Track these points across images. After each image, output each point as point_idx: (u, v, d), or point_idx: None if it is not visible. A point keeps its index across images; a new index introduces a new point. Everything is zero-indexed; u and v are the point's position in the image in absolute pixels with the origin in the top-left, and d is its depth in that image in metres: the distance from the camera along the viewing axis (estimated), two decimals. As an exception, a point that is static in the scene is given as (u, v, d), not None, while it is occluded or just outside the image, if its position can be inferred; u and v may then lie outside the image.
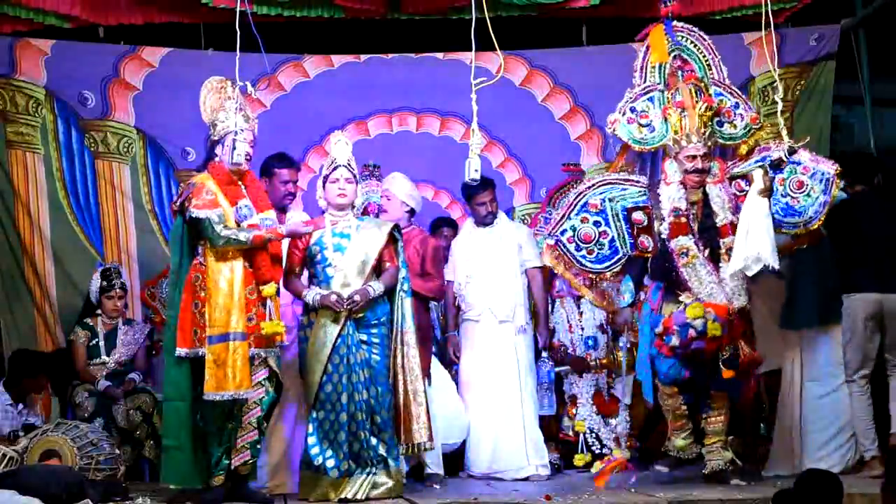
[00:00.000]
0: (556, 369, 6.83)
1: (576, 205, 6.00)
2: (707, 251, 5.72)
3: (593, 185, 6.05)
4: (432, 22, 7.83)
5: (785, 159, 5.75)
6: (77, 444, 5.58)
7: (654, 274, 5.94)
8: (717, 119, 5.87)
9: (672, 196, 5.80)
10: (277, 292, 5.43)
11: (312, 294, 5.56)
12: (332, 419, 5.47)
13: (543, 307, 6.83)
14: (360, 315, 5.56)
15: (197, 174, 5.69)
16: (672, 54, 5.97)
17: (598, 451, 6.73)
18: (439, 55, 7.97)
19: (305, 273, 5.77)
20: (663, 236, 5.80)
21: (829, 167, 5.77)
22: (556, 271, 6.19)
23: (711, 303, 5.62)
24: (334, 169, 5.73)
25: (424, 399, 5.67)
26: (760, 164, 5.73)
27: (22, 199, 7.45)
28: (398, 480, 5.54)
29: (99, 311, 6.99)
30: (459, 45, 6.93)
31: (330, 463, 5.47)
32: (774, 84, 5.98)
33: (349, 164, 5.75)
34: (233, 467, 5.30)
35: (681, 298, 5.71)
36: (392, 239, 5.75)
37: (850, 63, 7.78)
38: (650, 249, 5.89)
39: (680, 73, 5.92)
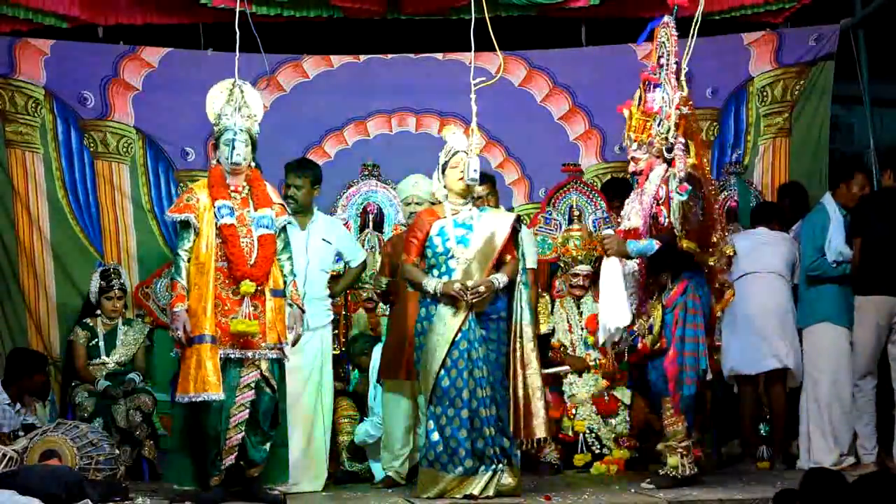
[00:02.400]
0: (556, 370, 6.83)
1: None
2: None
3: None
4: (432, 22, 7.83)
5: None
6: (77, 444, 5.57)
7: None
8: (657, 119, 5.68)
9: (630, 200, 5.82)
10: (277, 293, 5.43)
11: (434, 283, 5.41)
12: (451, 415, 5.34)
13: (533, 306, 6.80)
14: (481, 309, 5.47)
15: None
16: (659, 52, 5.92)
17: (598, 451, 6.73)
18: (439, 55, 7.97)
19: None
20: None
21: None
22: None
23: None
24: (453, 155, 5.59)
25: (543, 394, 5.52)
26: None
27: (22, 199, 7.44)
28: (519, 479, 5.46)
29: (98, 312, 7.00)
30: (459, 45, 6.94)
31: (453, 460, 5.33)
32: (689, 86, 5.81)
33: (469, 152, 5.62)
34: (223, 467, 5.29)
35: None
36: (513, 230, 5.60)
37: (850, 63, 7.78)
38: None
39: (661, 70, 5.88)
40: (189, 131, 7.64)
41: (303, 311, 5.54)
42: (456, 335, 5.37)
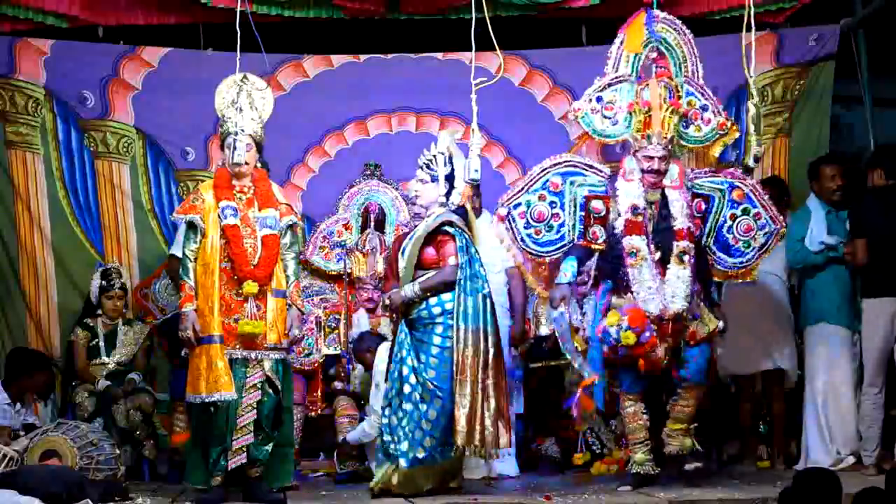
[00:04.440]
0: (550, 363, 6.84)
1: (537, 180, 5.84)
2: (659, 254, 5.64)
3: (558, 164, 5.88)
4: (432, 22, 7.81)
5: (752, 166, 5.80)
6: (77, 444, 5.57)
7: (603, 272, 5.79)
8: (683, 121, 5.80)
9: (631, 193, 5.69)
10: (279, 293, 5.45)
11: None
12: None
13: (521, 306, 6.78)
14: (410, 315, 5.58)
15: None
16: (649, 46, 5.90)
17: (597, 451, 6.73)
18: (439, 55, 7.96)
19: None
20: (616, 232, 5.69)
21: (778, 224, 5.92)
22: (501, 240, 6.05)
23: (630, 309, 5.52)
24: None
25: (473, 405, 5.43)
26: None
27: (22, 199, 7.43)
28: (409, 477, 5.46)
29: (99, 312, 7.00)
30: (459, 45, 6.94)
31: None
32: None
33: (426, 165, 5.68)
34: (229, 469, 5.31)
35: (617, 301, 5.64)
36: (444, 235, 5.59)
37: (850, 63, 7.76)
38: (600, 242, 5.76)
39: (654, 67, 5.84)
40: (189, 131, 7.65)
41: (302, 313, 5.58)
42: (395, 339, 5.62)
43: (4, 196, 7.44)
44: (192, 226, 5.39)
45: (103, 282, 7.00)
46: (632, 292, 5.61)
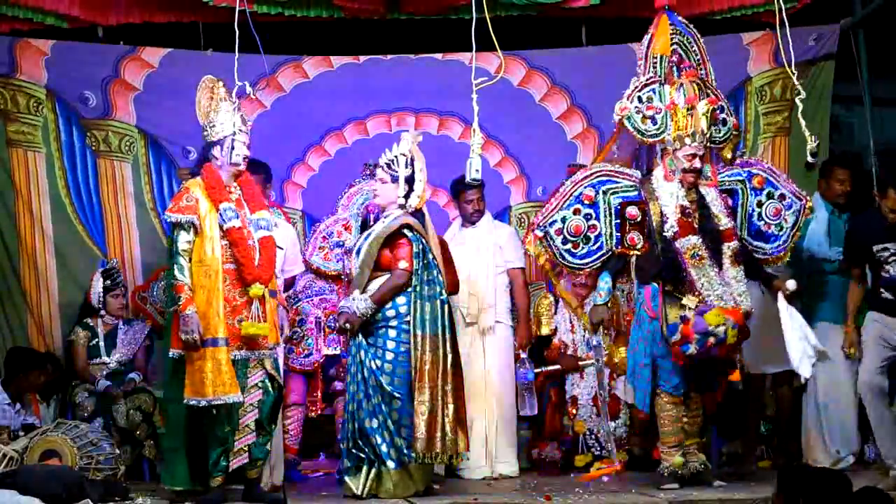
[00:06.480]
0: (547, 368, 6.84)
1: (570, 195, 5.86)
2: (710, 253, 5.64)
3: (589, 175, 5.91)
4: (432, 22, 7.82)
5: (812, 161, 5.87)
6: (77, 444, 5.59)
7: (648, 275, 5.75)
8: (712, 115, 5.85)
9: (675, 193, 5.69)
10: (273, 294, 5.47)
11: None
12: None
13: (524, 308, 6.80)
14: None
15: (192, 177, 5.74)
16: (671, 48, 5.93)
17: (597, 452, 6.73)
18: (438, 56, 7.96)
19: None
20: (667, 234, 5.64)
21: (803, 199, 5.97)
22: (538, 261, 6.04)
23: (727, 308, 5.50)
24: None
25: (433, 412, 5.46)
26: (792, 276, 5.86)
27: (24, 198, 7.42)
28: (401, 482, 5.47)
29: (102, 312, 7.00)
30: (459, 45, 6.95)
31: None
32: (793, 85, 6.07)
33: (387, 164, 5.72)
34: (230, 469, 5.31)
35: (684, 301, 5.54)
36: (401, 238, 5.61)
37: (850, 63, 7.77)
38: (639, 247, 5.78)
39: (675, 68, 5.86)
40: (190, 131, 7.58)
41: (287, 312, 5.66)
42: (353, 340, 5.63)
43: (5, 195, 7.44)
44: (187, 225, 5.37)
45: (107, 281, 7.01)
46: (693, 293, 5.56)
